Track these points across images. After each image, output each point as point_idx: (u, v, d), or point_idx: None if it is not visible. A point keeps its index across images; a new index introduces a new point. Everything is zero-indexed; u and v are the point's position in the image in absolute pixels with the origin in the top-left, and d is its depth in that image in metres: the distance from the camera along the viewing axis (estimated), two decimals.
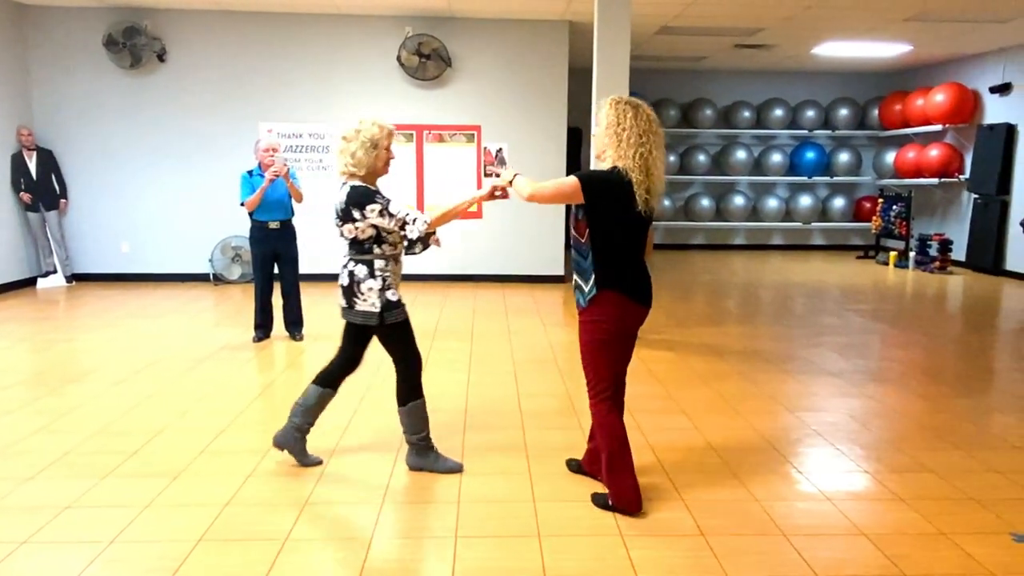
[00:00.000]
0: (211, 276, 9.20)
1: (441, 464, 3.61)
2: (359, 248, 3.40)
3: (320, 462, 3.68)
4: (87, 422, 4.23)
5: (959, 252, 11.11)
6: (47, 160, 8.76)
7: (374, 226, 3.34)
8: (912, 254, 11.06)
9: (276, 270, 6.15)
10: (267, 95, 9.08)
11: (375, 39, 9.05)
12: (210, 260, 9.16)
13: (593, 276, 3.10)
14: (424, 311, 7.56)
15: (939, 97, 10.97)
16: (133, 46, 8.69)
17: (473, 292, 8.75)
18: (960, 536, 3.01)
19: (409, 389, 3.56)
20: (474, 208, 3.68)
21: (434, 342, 6.26)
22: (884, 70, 12.63)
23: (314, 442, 3.95)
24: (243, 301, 7.94)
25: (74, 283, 9.08)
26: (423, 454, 3.61)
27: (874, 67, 12.31)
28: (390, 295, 3.40)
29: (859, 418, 4.45)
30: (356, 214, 3.32)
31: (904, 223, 11.35)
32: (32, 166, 8.60)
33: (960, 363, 5.76)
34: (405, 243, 3.42)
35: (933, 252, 10.88)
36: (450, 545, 2.90)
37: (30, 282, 8.87)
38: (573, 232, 3.18)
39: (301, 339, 6.25)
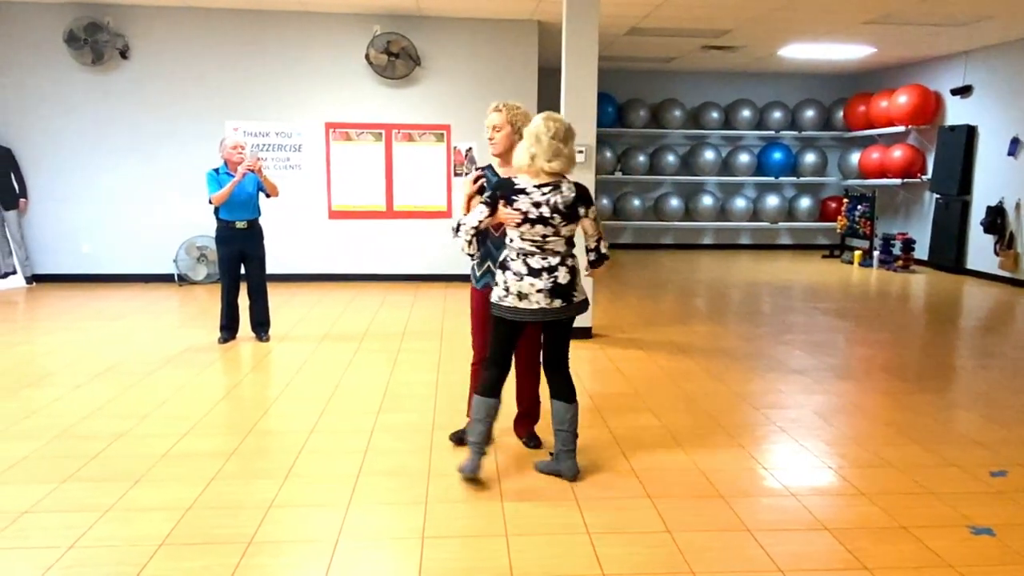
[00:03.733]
0: (176, 277, 9.06)
1: (568, 468, 3.51)
2: (571, 245, 3.41)
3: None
4: (46, 426, 4.15)
5: (922, 251, 11.33)
6: (6, 159, 8.56)
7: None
8: (876, 253, 11.25)
9: (243, 270, 6.08)
10: (233, 93, 8.97)
11: (343, 37, 8.99)
12: (175, 260, 9.03)
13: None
14: (393, 311, 7.52)
15: (902, 99, 11.17)
16: (95, 42, 8.53)
17: (443, 292, 8.72)
18: (920, 529, 3.06)
19: (573, 385, 3.56)
20: None
21: (403, 342, 6.22)
22: (849, 72, 12.83)
23: (279, 442, 3.92)
24: (208, 302, 7.83)
25: (34, 284, 8.89)
26: (568, 457, 3.50)
27: (839, 69, 12.49)
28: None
29: (823, 414, 4.51)
30: (582, 211, 3.35)
31: (868, 223, 11.53)
32: None
33: (922, 360, 5.86)
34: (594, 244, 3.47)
35: (896, 251, 11.08)
36: (416, 546, 2.89)
37: None
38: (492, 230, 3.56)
39: (268, 340, 6.19)
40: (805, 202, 13.12)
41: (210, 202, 5.81)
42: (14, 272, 8.76)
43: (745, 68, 12.48)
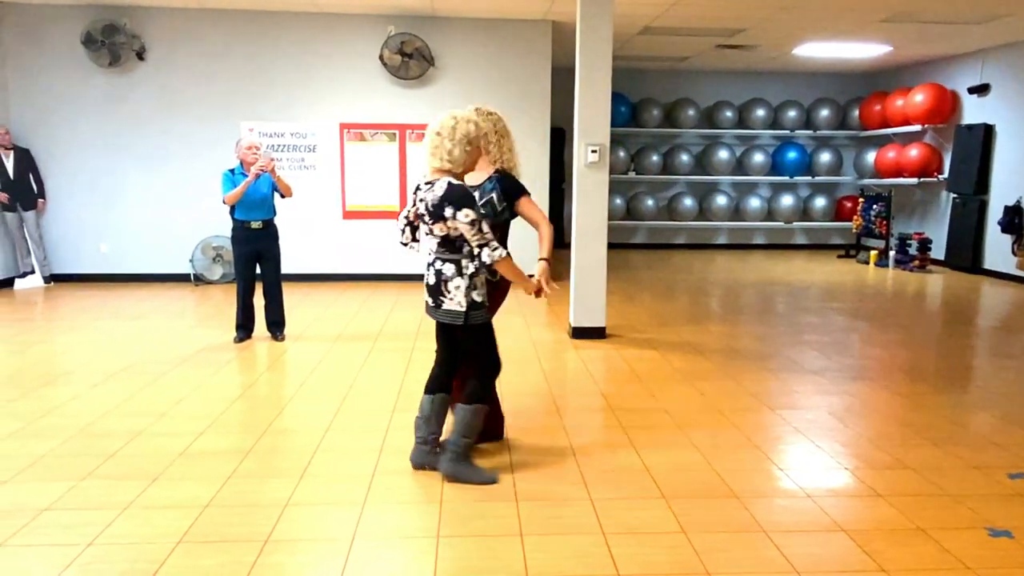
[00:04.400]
0: (192, 276, 9.12)
1: (476, 475, 3.47)
2: (449, 246, 3.32)
3: (496, 480, 3.51)
4: (64, 424, 4.19)
5: (938, 251, 11.24)
6: (24, 159, 8.65)
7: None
8: (892, 253, 11.17)
9: (258, 270, 6.11)
10: (248, 94, 9.03)
11: (357, 38, 9.02)
12: (191, 260, 9.09)
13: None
14: (407, 310, 7.54)
15: (918, 98, 11.08)
16: (112, 44, 8.60)
17: None
18: (937, 531, 3.04)
19: (479, 391, 3.46)
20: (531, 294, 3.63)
21: (416, 342, 6.24)
22: (864, 71, 12.74)
23: (294, 441, 3.94)
24: (224, 302, 7.88)
25: (52, 284, 8.98)
26: (461, 461, 3.46)
27: (854, 68, 12.41)
28: (476, 295, 3.36)
29: (839, 415, 4.48)
30: (448, 212, 3.23)
31: (884, 222, 11.45)
32: (9, 165, 8.49)
33: (939, 360, 5.81)
34: (476, 250, 3.33)
35: (913, 251, 10.99)
36: (432, 545, 2.90)
37: (7, 283, 8.76)
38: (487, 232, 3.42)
39: (283, 339, 6.22)
40: (820, 202, 13.05)
41: (224, 202, 5.85)
42: (33, 272, 8.85)
43: (759, 67, 12.42)
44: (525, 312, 7.56)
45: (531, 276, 3.53)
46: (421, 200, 3.32)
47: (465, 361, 3.55)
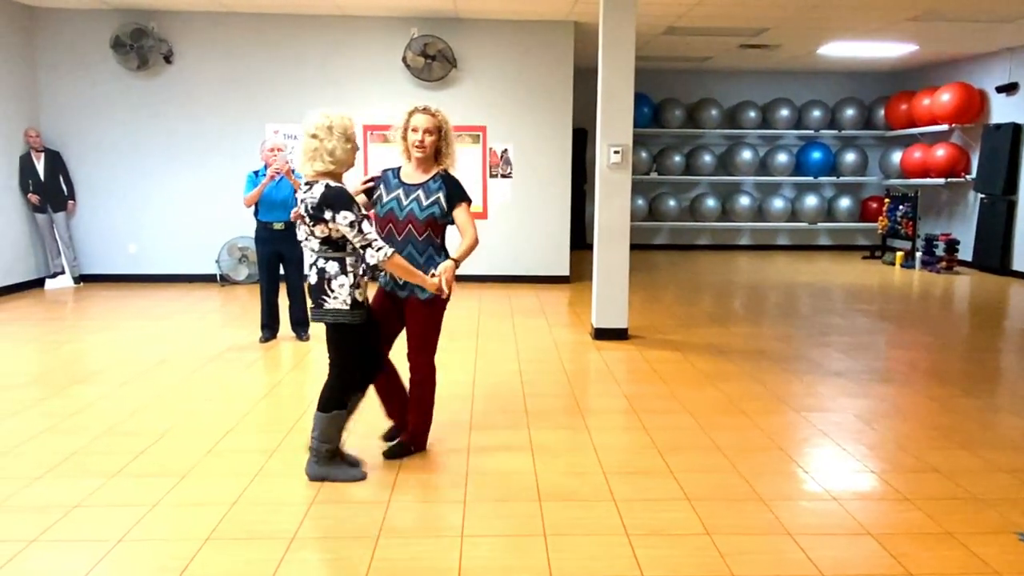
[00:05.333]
0: (218, 277, 9.23)
1: (343, 473, 3.46)
2: (332, 245, 3.31)
3: (364, 476, 3.52)
4: (94, 422, 4.26)
5: (966, 252, 11.08)
6: (55, 161, 8.80)
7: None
8: (918, 254, 11.03)
9: (281, 270, 6.17)
10: (273, 96, 9.11)
11: (380, 40, 9.07)
12: (217, 261, 9.19)
13: None
14: None
15: (945, 97, 10.94)
16: (140, 48, 8.73)
17: (479, 292, 8.76)
18: (966, 536, 3.01)
19: (335, 397, 3.43)
20: (426, 295, 3.63)
21: (440, 342, 6.25)
22: (890, 70, 12.61)
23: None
24: (249, 302, 7.96)
25: (82, 284, 9.12)
26: (325, 463, 3.46)
27: (880, 67, 12.28)
28: (358, 294, 3.35)
29: (865, 418, 4.44)
30: (327, 215, 3.22)
31: (910, 223, 11.32)
32: (40, 167, 8.64)
33: (966, 363, 5.74)
34: (361, 252, 3.32)
35: (939, 252, 10.85)
36: (456, 544, 2.91)
37: (38, 283, 8.91)
38: (430, 233, 3.58)
39: (307, 339, 6.27)
40: (845, 202, 12.92)
41: (245, 203, 5.93)
42: (63, 272, 8.99)
43: (783, 67, 12.33)
44: (547, 313, 7.57)
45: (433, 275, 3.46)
46: (302, 201, 3.30)
47: (330, 365, 3.47)
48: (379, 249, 3.25)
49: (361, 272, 3.36)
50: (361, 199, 3.71)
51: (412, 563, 2.78)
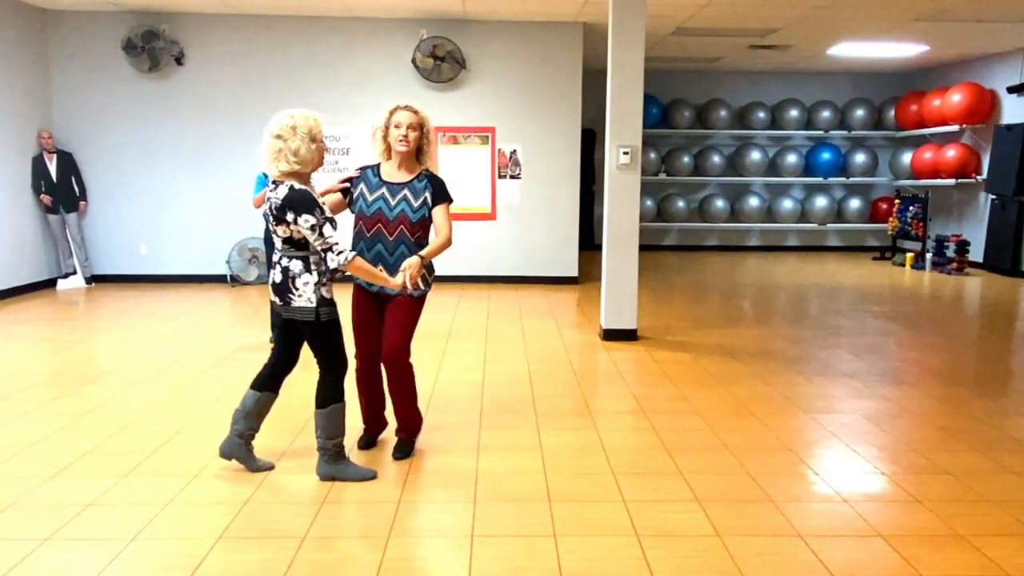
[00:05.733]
0: (228, 277, 9.27)
1: (352, 472, 3.51)
2: (295, 244, 3.32)
3: (272, 467, 3.61)
4: (106, 422, 4.29)
5: (976, 253, 11.03)
6: (67, 163, 8.86)
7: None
8: (929, 255, 10.99)
9: None
10: (283, 97, 9.13)
11: (390, 41, 9.10)
12: (227, 262, 9.24)
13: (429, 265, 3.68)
14: (439, 312, 7.59)
15: (956, 97, 10.90)
16: (151, 50, 8.78)
17: (487, 293, 8.77)
18: (977, 538, 3.00)
19: (330, 392, 3.46)
20: (395, 292, 3.65)
21: (448, 343, 6.28)
22: (900, 70, 12.56)
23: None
24: (260, 302, 8.00)
25: (93, 284, 9.18)
26: (334, 462, 3.50)
27: (890, 67, 12.24)
28: (324, 291, 3.36)
29: (875, 420, 4.43)
30: (289, 217, 3.22)
31: (921, 224, 11.27)
32: (52, 169, 8.70)
33: (977, 365, 5.72)
34: (324, 255, 3.32)
35: (950, 253, 10.81)
36: (466, 544, 2.92)
37: (50, 283, 8.97)
38: (422, 234, 3.70)
39: None
40: (855, 203, 12.87)
41: (254, 205, 5.96)
42: (74, 272, 9.06)
43: (793, 67, 12.30)
44: (556, 314, 7.57)
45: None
46: (268, 200, 3.32)
47: (318, 363, 3.51)
48: (339, 253, 3.27)
49: (324, 270, 3.38)
50: (337, 197, 3.74)
51: (422, 563, 2.79)
